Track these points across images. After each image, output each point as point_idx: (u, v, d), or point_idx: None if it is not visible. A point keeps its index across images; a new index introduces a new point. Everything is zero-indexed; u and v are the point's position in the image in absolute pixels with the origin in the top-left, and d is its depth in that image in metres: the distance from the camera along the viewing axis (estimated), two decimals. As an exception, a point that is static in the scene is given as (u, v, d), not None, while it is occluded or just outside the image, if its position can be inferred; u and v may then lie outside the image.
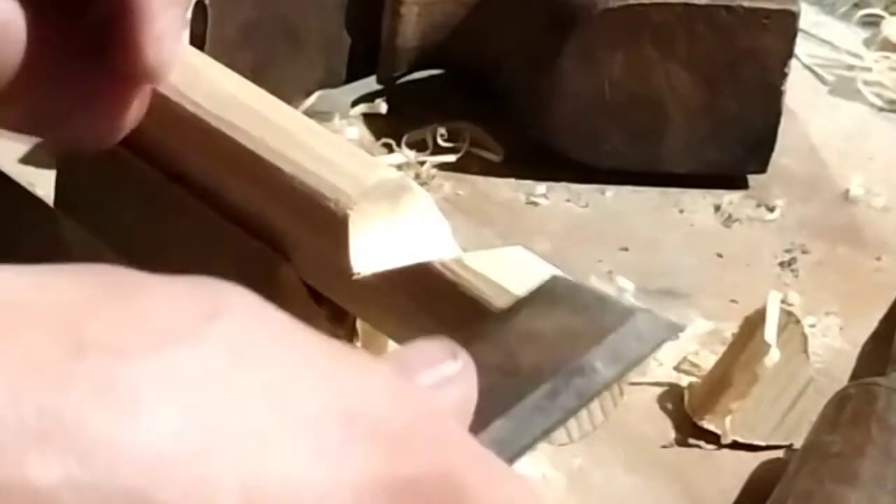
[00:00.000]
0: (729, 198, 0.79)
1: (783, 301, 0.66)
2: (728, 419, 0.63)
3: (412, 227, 0.54)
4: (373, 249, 0.53)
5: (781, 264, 0.76)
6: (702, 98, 0.78)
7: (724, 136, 0.79)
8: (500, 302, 0.50)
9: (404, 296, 0.53)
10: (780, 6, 0.77)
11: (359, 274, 0.53)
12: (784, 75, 0.77)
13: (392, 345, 0.58)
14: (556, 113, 0.77)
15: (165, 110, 0.56)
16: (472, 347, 0.38)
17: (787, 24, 0.76)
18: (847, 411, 0.64)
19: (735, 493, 0.62)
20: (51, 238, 0.67)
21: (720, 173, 0.80)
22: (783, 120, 0.80)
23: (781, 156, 0.81)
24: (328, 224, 0.53)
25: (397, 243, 0.54)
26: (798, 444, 0.63)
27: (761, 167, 0.79)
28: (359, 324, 0.57)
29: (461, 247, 0.54)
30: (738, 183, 0.80)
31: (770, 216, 0.78)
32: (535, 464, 0.63)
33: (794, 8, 0.77)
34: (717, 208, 0.79)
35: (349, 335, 0.58)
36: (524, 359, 0.44)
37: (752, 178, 0.80)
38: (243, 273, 0.46)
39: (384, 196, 0.53)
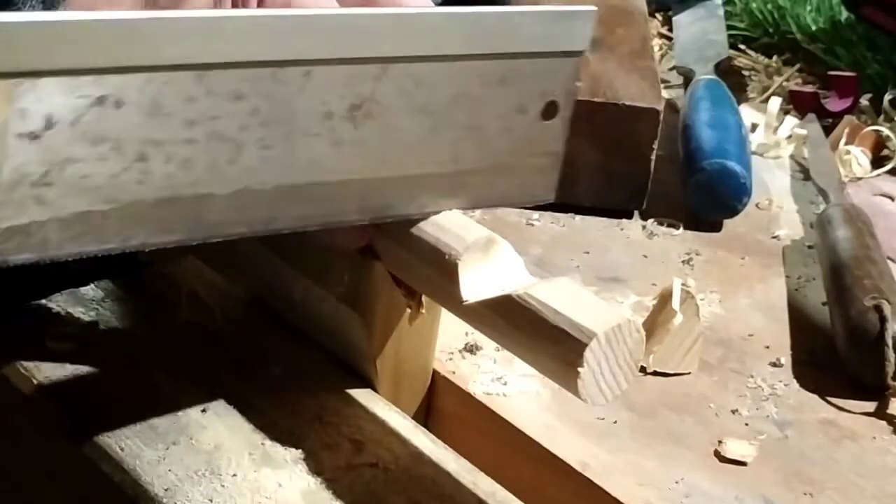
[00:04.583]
0: (649, 222, 0.86)
1: (684, 284, 0.70)
2: (651, 357, 0.69)
3: (499, 266, 0.57)
4: (475, 284, 0.56)
5: (683, 262, 0.82)
6: (599, 161, 0.85)
7: (614, 184, 0.86)
8: (556, 319, 0.53)
9: (499, 318, 0.56)
10: (649, 105, 0.85)
11: (467, 301, 0.56)
12: (652, 149, 0.85)
13: (445, 313, 0.62)
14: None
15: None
16: None
17: (653, 116, 0.85)
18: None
19: (655, 402, 0.67)
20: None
21: (614, 208, 0.87)
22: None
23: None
24: (446, 268, 0.57)
25: (491, 279, 0.57)
26: (693, 372, 0.69)
27: (639, 205, 0.87)
28: (423, 298, 0.62)
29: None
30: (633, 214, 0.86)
31: (676, 232, 0.86)
32: (530, 383, 0.66)
33: (658, 107, 0.84)
34: (644, 227, 0.86)
35: (417, 305, 0.63)
36: None
37: (663, 210, 0.86)
38: (370, 274, 0.61)
39: (479, 248, 0.57)
